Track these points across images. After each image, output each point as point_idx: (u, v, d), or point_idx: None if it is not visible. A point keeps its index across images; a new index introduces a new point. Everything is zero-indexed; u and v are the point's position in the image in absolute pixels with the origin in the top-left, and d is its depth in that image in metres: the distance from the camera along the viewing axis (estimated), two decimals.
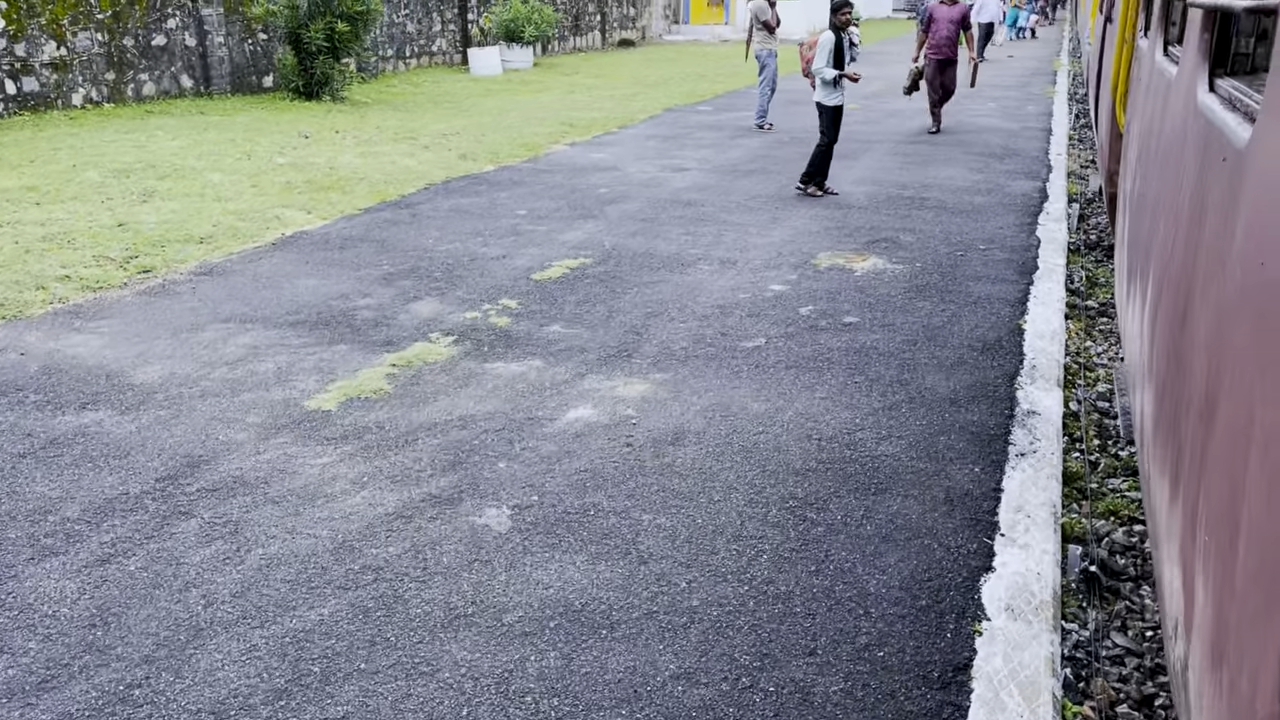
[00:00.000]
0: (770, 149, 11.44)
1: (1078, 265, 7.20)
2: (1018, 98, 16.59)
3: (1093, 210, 9.04)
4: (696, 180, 9.63)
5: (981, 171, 10.12)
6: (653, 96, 16.59)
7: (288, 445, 4.09)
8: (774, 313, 5.80)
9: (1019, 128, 13.22)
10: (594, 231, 7.62)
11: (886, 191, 9.13)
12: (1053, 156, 11.04)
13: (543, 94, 16.80)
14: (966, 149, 11.48)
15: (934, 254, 7.05)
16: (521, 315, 5.72)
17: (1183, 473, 1.94)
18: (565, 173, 9.91)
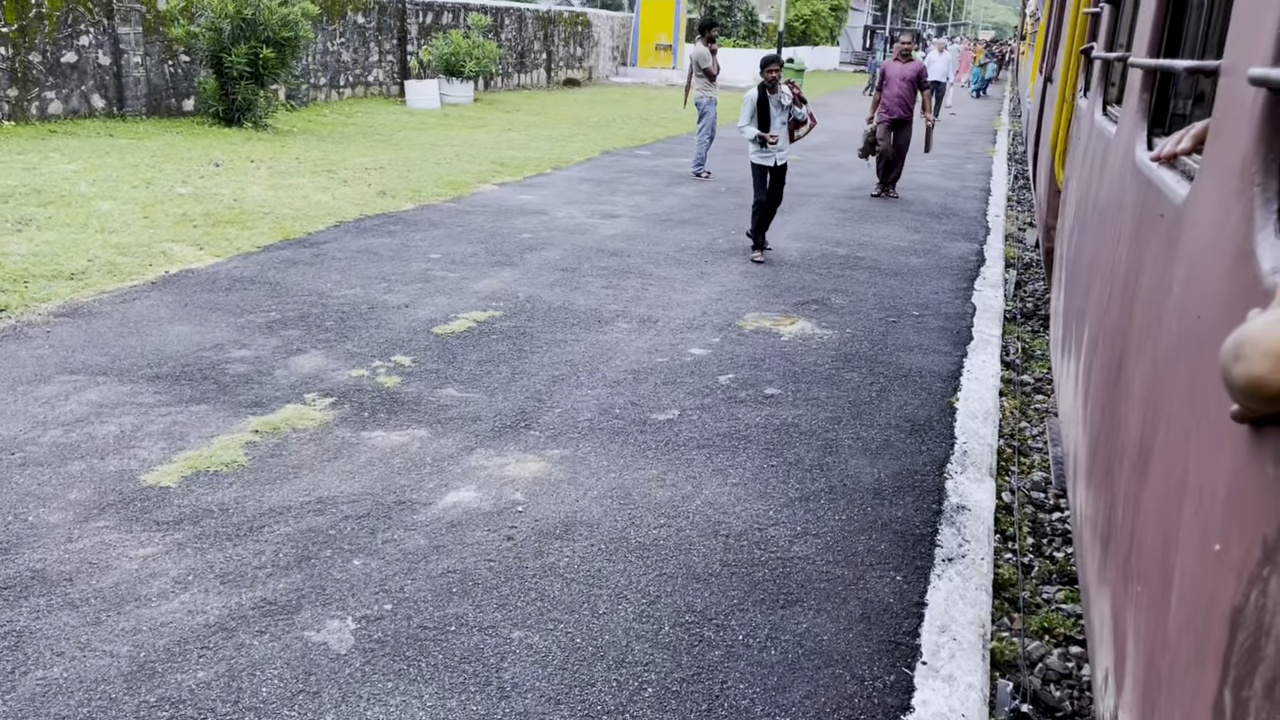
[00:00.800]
0: (705, 198, 11.12)
1: (1014, 336, 6.91)
2: (958, 156, 16.58)
3: (1030, 276, 8.81)
4: (626, 228, 9.24)
5: (919, 231, 9.88)
6: (592, 138, 16.26)
7: (108, 530, 3.51)
8: (691, 380, 5.36)
9: (958, 186, 13.09)
10: (510, 281, 7.15)
11: (821, 249, 8.81)
12: (991, 218, 10.86)
13: (479, 130, 16.38)
14: (905, 207, 11.27)
15: (865, 319, 6.70)
16: (414, 375, 5.21)
17: (1115, 524, 1.98)
18: (489, 215, 9.45)
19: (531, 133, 16.45)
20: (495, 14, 24.51)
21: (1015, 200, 12.99)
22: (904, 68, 11.52)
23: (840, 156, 15.16)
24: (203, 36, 13.46)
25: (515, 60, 25.88)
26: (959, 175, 14.23)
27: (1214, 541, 1.14)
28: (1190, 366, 1.43)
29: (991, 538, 3.90)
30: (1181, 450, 1.42)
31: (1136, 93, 2.42)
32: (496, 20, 24.49)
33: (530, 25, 26.48)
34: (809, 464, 4.39)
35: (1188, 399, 1.42)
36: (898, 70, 11.53)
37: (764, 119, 8.05)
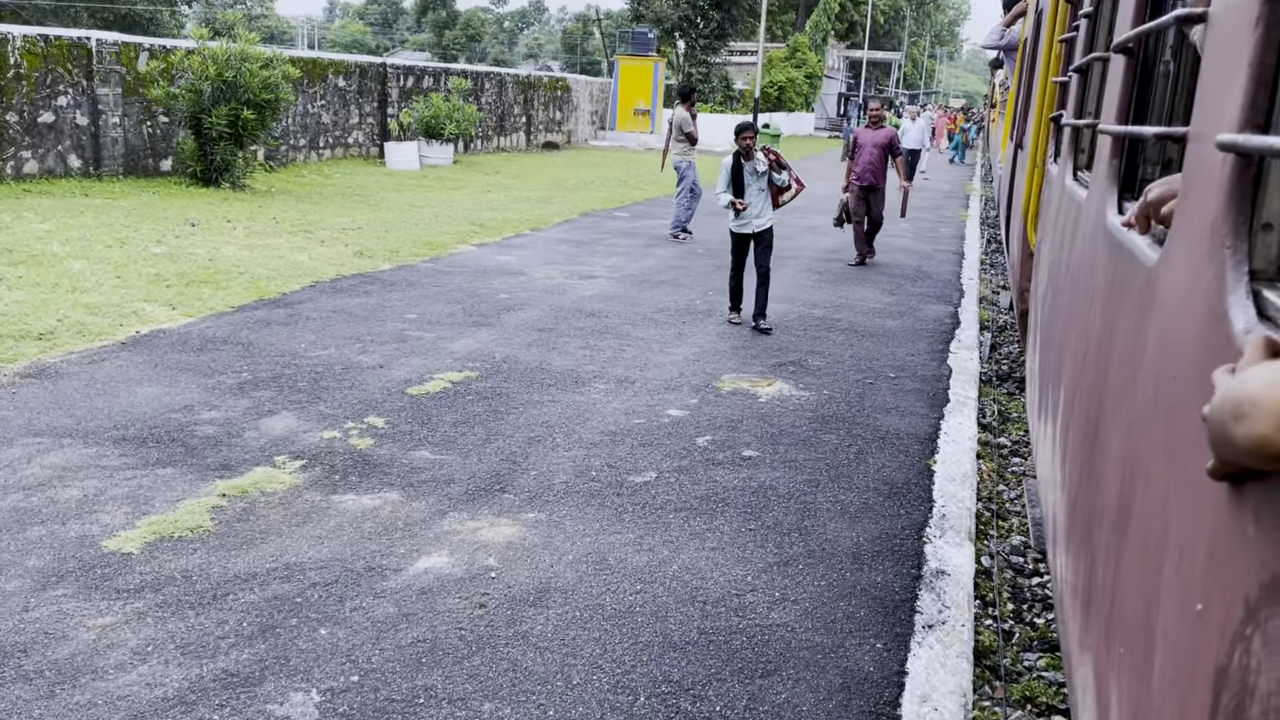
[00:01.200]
0: (683, 259, 11.19)
1: (990, 398, 6.93)
2: (932, 220, 16.83)
3: (1005, 338, 8.89)
4: (604, 289, 9.26)
5: (894, 293, 9.97)
6: (570, 200, 16.39)
7: (66, 599, 3.41)
8: (669, 442, 5.33)
9: (932, 250, 13.26)
10: (486, 341, 7.13)
11: (797, 310, 8.86)
12: (965, 280, 10.99)
13: (458, 192, 16.49)
14: (880, 270, 11.39)
15: (843, 380, 6.71)
16: (387, 436, 5.15)
17: (1096, 586, 1.98)
18: (467, 275, 9.46)
19: (510, 194, 16.57)
20: (475, 78, 24.86)
21: (988, 263, 13.16)
22: (875, 135, 11.41)
23: (815, 220, 15.35)
24: (183, 98, 13.54)
25: (495, 123, 26.18)
26: (933, 239, 14.42)
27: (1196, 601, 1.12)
28: (1167, 426, 1.42)
29: (972, 604, 3.85)
30: (1161, 510, 1.42)
31: (1106, 159, 2.45)
32: (476, 84, 24.83)
33: (510, 89, 26.86)
34: (787, 527, 4.35)
35: (1165, 459, 1.42)
36: (869, 137, 11.43)
37: (738, 186, 7.94)
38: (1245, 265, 1.13)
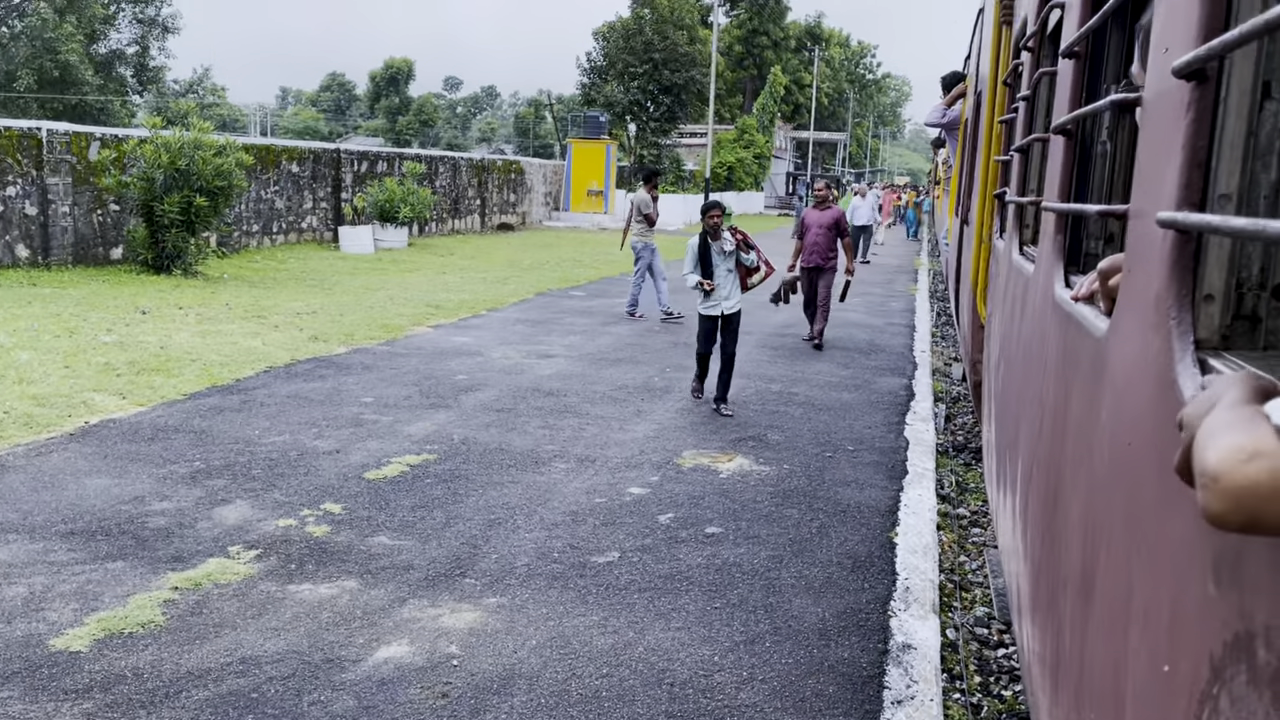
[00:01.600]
0: (640, 337, 11.27)
1: (947, 469, 7.00)
2: (882, 294, 17.15)
3: (959, 409, 9.02)
4: (562, 368, 9.28)
5: (849, 367, 10.10)
6: (526, 280, 16.49)
7: (12, 701, 3.27)
8: (631, 521, 5.30)
9: (884, 323, 13.49)
10: (444, 423, 7.08)
11: (755, 385, 8.93)
12: (918, 353, 11.17)
13: (413, 274, 16.52)
14: (834, 344, 11.55)
15: (802, 454, 6.75)
16: (344, 523, 5.06)
17: (1063, 654, 1.99)
18: (423, 357, 9.43)
19: (466, 275, 16.64)
20: (429, 162, 25.12)
21: (939, 336, 13.41)
22: (822, 215, 11.14)
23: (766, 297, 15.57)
24: (134, 186, 13.51)
25: (449, 206, 26.40)
26: (885, 312, 14.68)
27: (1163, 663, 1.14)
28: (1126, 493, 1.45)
29: (939, 678, 3.84)
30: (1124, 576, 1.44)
31: (1050, 234, 2.53)
32: (430, 168, 25.08)
33: (464, 172, 27.16)
34: (753, 605, 4.33)
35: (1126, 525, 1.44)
36: (815, 218, 11.17)
37: (706, 267, 7.72)
38: (1190, 335, 1.18)
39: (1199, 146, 1.15)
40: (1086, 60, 2.40)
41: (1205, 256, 1.19)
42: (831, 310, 12.39)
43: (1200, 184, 1.16)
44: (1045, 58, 3.46)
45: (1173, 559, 1.10)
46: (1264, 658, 0.81)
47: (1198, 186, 1.16)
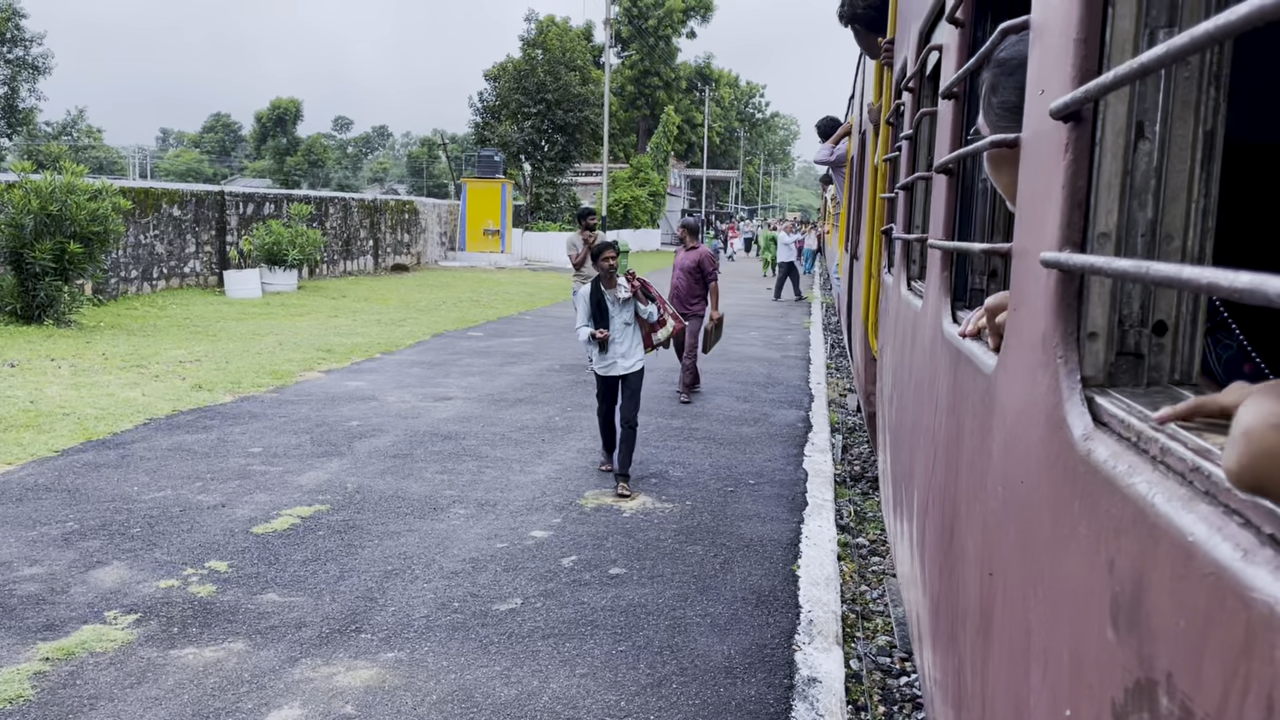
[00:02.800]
0: (540, 377, 11.17)
1: (846, 499, 7.10)
2: (778, 328, 17.45)
3: (855, 439, 9.18)
4: (460, 410, 9.12)
5: (748, 400, 10.20)
6: (422, 321, 16.24)
7: None
8: (533, 565, 5.20)
9: (780, 356, 13.71)
10: (337, 471, 6.86)
11: (655, 421, 8.93)
12: (814, 385, 11.37)
13: (303, 318, 16.09)
14: (732, 378, 11.66)
15: (704, 490, 6.76)
16: (231, 581, 4.82)
17: (965, 689, 1.98)
18: (314, 404, 9.15)
19: (359, 318, 16.29)
20: (319, 203, 24.60)
21: (834, 367, 13.69)
22: (684, 257, 10.22)
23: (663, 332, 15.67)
24: (2, 232, 12.83)
25: (341, 247, 25.88)
26: (780, 345, 14.92)
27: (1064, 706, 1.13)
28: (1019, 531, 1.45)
29: (844, 709, 3.85)
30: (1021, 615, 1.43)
31: (937, 270, 2.58)
32: (320, 209, 24.57)
33: (355, 213, 26.69)
34: (659, 645, 4.27)
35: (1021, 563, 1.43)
36: (679, 259, 10.24)
37: (601, 318, 6.73)
38: (1077, 373, 1.19)
39: (1079, 186, 1.17)
40: (965, 101, 2.46)
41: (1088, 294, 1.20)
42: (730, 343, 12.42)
43: (1081, 223, 1.18)
44: (925, 98, 3.56)
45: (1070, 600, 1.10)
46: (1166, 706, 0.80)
47: (1079, 226, 1.17)
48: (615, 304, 6.76)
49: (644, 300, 6.81)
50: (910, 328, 3.41)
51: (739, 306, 21.23)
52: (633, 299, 6.78)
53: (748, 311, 20.25)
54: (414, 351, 12.93)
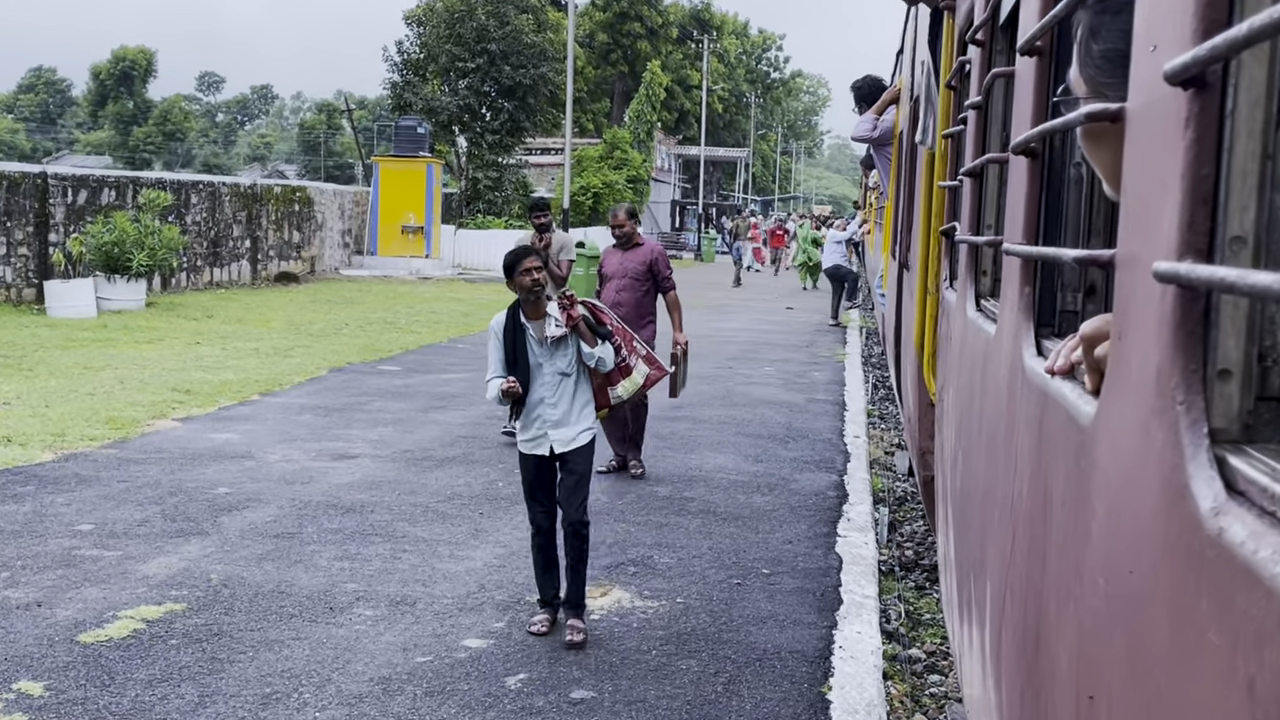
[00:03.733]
0: (478, 427, 11.18)
1: (894, 595, 7.12)
2: (801, 361, 17.55)
3: (906, 513, 9.21)
4: (368, 473, 9.11)
5: (761, 460, 10.23)
6: (317, 351, 16.24)
7: None
8: (467, 687, 5.19)
9: (805, 400, 13.77)
10: (198, 557, 6.83)
11: (634, 488, 8.94)
12: (850, 439, 11.42)
13: (154, 345, 16.06)
14: (740, 428, 11.70)
15: (701, 582, 6.76)
16: (49, 709, 4.78)
17: None
18: (168, 463, 9.11)
19: (231, 346, 16.27)
20: (178, 189, 24.64)
21: (877, 415, 13.76)
22: (625, 258, 9.58)
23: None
24: None
25: (207, 250, 25.88)
26: (805, 386, 15.00)
27: None
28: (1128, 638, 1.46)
29: None
30: None
31: (1016, 285, 2.60)
32: (180, 197, 24.59)
33: (228, 204, 26.74)
34: None
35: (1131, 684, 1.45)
36: (616, 262, 9.60)
37: (520, 367, 5.92)
38: (1204, 424, 1.20)
39: (1203, 174, 1.19)
40: (1052, 58, 2.50)
41: (1217, 319, 1.22)
42: (738, 383, 12.32)
43: (1207, 223, 1.19)
44: (999, 54, 3.62)
45: None
46: None
47: (1204, 227, 1.19)
48: (544, 345, 5.93)
49: (591, 339, 6.01)
50: (980, 362, 3.43)
51: (747, 333, 21.37)
52: (571, 337, 5.95)
53: (759, 339, 20.37)
54: (305, 392, 12.90)
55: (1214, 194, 1.19)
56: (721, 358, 17.26)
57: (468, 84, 43.19)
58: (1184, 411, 1.23)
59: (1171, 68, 1.17)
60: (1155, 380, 1.32)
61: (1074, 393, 1.93)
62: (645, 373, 6.56)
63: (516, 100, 44.16)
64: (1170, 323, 1.25)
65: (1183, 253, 1.20)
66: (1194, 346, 1.23)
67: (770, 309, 26.50)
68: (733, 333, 21.16)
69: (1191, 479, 1.18)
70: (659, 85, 59.90)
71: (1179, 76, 1.17)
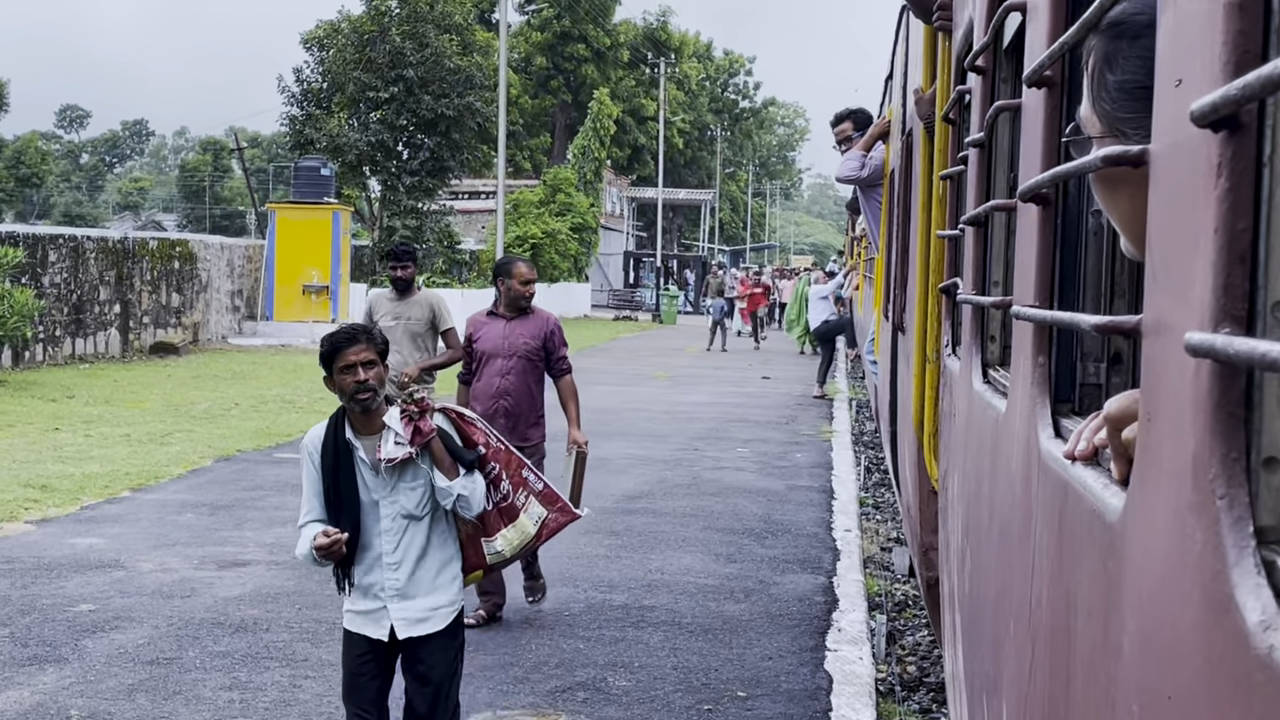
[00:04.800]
0: None
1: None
2: (781, 440, 17.58)
3: (908, 621, 9.21)
4: (263, 583, 9.05)
5: (735, 560, 10.22)
6: (200, 436, 16.15)
7: None
8: None
9: (785, 487, 13.78)
10: (55, 689, 6.75)
11: (586, 596, 8.90)
12: (839, 533, 11.43)
13: (3, 433, 15.91)
14: (709, 521, 11.69)
15: (665, 710, 6.75)
16: None
17: None
18: (20, 576, 9.01)
19: (97, 432, 16.14)
20: (32, 245, 24.47)
21: (872, 504, 13.79)
22: (512, 330, 8.47)
23: (607, 448, 15.70)
24: None
25: (68, 317, 25.70)
26: (785, 470, 15.01)
27: None
28: None
29: None
30: None
31: (1028, 354, 2.61)
32: (35, 254, 24.43)
33: (93, 262, 26.60)
34: None
35: None
36: (499, 336, 8.44)
37: (344, 507, 5.05)
38: (1248, 522, 1.20)
39: (1239, 229, 1.20)
40: (1064, 89, 2.54)
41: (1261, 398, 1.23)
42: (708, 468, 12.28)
43: (1245, 286, 1.20)
44: (1004, 82, 3.67)
45: None
46: None
47: (1241, 290, 1.20)
48: (380, 474, 5.06)
49: (450, 466, 5.08)
50: (989, 443, 3.44)
51: (716, 407, 21.42)
52: (422, 459, 5.07)
53: (731, 414, 20.41)
54: (186, 486, 12.81)
55: (1252, 252, 1.21)
56: (686, 437, 17.28)
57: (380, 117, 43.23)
58: (1225, 507, 1.23)
59: (1199, 108, 1.19)
60: (1191, 470, 1.32)
61: (1099, 482, 1.93)
62: (540, 517, 5.47)
63: (439, 135, 44.15)
64: (1207, 403, 1.26)
65: (1218, 321, 1.21)
66: (1235, 431, 1.24)
67: (743, 378, 26.58)
68: (698, 407, 21.20)
69: (1236, 587, 1.19)
70: (608, 117, 60.41)
71: (1208, 118, 1.19)
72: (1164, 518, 1.47)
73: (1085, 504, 1.99)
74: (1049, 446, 2.38)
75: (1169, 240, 1.44)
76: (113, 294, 27.37)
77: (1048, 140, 2.49)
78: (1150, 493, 1.55)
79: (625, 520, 11.63)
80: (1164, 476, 1.46)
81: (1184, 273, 1.34)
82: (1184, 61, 1.37)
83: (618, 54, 74.77)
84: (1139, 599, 1.61)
